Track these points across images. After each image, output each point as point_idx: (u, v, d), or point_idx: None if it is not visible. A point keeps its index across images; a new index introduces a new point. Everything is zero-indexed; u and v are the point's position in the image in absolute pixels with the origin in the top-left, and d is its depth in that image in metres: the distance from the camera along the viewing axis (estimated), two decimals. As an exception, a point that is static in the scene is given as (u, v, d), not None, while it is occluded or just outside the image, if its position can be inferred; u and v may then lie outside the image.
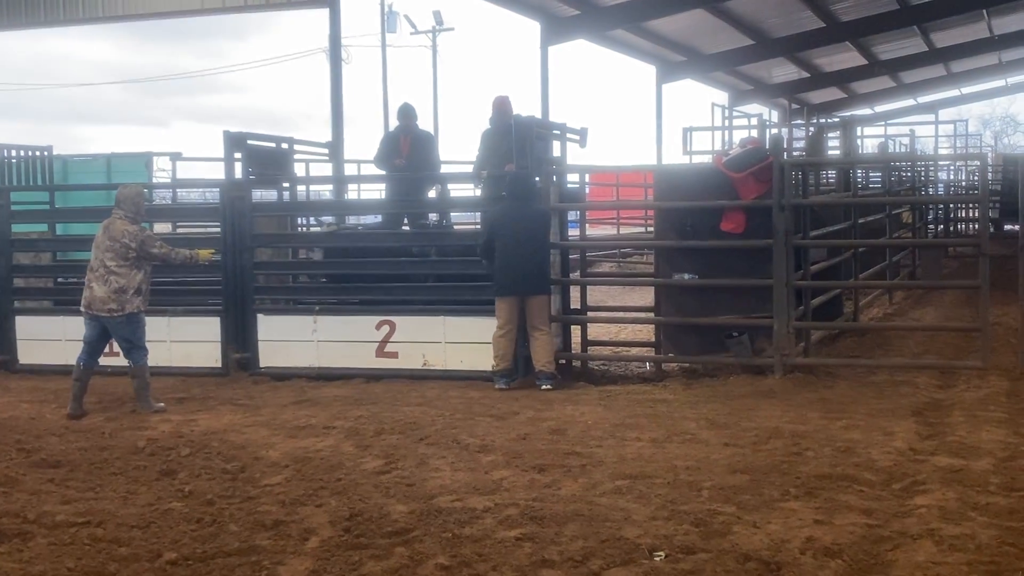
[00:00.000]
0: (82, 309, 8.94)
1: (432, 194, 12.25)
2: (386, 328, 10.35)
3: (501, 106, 11.32)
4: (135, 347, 8.89)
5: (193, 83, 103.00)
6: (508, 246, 9.66)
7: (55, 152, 15.94)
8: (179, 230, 14.65)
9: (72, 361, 9.01)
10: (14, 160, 12.98)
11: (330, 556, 4.98)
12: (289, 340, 10.59)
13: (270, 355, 10.65)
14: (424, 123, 14.30)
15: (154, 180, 18.64)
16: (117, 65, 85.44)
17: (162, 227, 15.99)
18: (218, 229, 11.07)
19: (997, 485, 5.92)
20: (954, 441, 6.97)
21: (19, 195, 12.79)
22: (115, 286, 8.76)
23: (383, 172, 12.43)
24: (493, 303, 9.79)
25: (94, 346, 9.01)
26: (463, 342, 10.17)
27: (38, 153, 13.44)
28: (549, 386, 9.53)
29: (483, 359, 9.87)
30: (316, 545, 5.15)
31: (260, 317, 10.69)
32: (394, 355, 10.32)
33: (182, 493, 6.15)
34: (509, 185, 9.95)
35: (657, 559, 4.82)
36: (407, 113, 12.21)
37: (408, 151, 12.01)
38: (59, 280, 12.39)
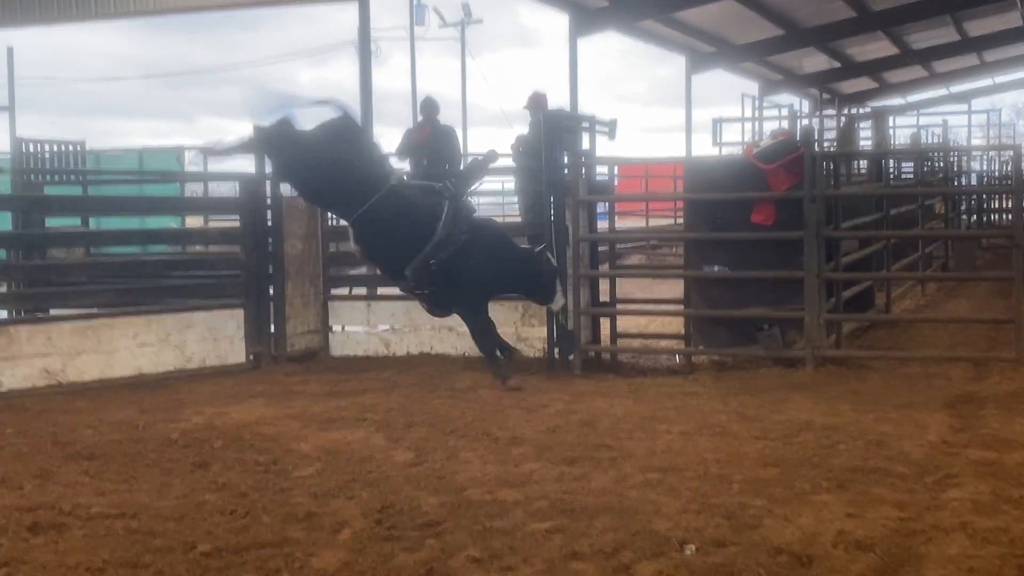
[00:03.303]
0: None
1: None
2: None
3: (537, 102, 11.32)
4: None
5: (216, 76, 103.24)
6: None
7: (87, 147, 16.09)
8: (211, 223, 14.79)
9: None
10: (47, 155, 13.10)
11: (362, 548, 5.00)
12: None
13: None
14: (453, 115, 14.34)
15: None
16: (129, 59, 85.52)
17: (194, 220, 16.13)
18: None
19: (1031, 478, 5.88)
20: (987, 434, 6.92)
21: (53, 189, 12.91)
22: None
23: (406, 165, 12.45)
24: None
25: None
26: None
27: (71, 147, 13.56)
28: None
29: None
30: (348, 537, 5.18)
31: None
32: None
33: (215, 485, 6.19)
34: None
35: (688, 552, 4.81)
36: (430, 105, 12.22)
37: (428, 144, 12.00)
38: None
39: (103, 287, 11.09)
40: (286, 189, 11.04)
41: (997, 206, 27.22)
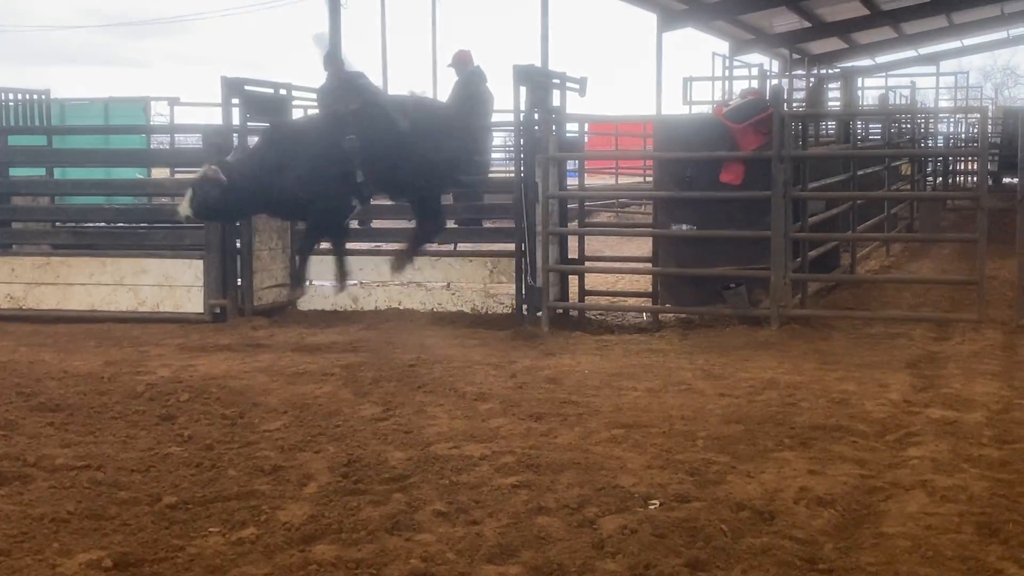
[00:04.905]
0: None
1: None
2: None
3: (461, 60, 11.61)
4: None
5: (179, 25, 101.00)
6: None
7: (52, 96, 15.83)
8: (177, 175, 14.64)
9: (71, 306, 9.06)
10: (11, 103, 12.89)
11: (328, 501, 5.02)
12: None
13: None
14: (423, 70, 14.31)
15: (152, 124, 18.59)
16: (89, 7, 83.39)
17: (159, 172, 15.96)
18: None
19: (990, 437, 5.97)
20: (948, 393, 7.02)
21: (17, 138, 12.71)
22: None
23: None
24: None
25: None
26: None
27: (35, 96, 13.34)
28: None
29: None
30: (315, 490, 5.20)
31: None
32: None
33: (181, 438, 6.19)
34: None
35: (652, 507, 4.87)
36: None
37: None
38: (56, 224, 12.34)
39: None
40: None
41: (963, 168, 27.43)
